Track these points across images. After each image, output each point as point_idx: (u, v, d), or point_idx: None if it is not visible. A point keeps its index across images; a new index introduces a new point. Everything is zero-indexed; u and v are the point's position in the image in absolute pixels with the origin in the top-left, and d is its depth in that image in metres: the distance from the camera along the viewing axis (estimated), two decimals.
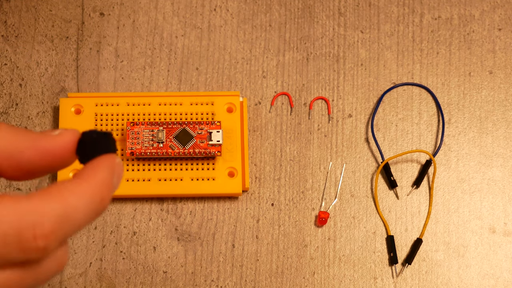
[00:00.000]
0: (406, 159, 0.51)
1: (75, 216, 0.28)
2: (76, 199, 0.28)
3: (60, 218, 0.27)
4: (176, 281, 0.48)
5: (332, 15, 0.52)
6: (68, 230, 0.28)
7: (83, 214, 0.28)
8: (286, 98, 0.51)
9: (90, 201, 0.29)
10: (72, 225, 0.28)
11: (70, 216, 0.28)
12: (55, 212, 0.27)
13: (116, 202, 0.49)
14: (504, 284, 0.49)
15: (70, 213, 0.28)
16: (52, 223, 0.27)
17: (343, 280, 0.48)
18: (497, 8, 0.53)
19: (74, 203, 0.28)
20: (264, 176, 0.49)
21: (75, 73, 0.51)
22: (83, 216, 0.28)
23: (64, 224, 0.27)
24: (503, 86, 0.52)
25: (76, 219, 0.28)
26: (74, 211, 0.28)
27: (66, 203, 0.28)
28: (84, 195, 0.28)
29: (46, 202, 0.28)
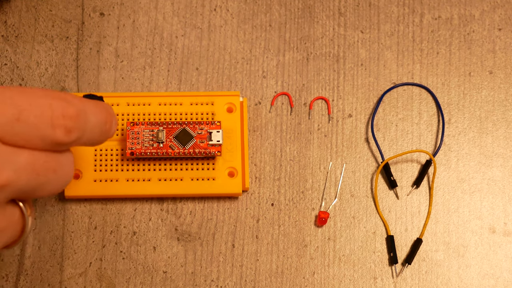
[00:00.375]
0: (406, 159, 0.51)
1: (91, 117, 0.34)
2: (93, 105, 0.35)
3: (82, 111, 0.33)
4: (176, 281, 0.48)
5: (332, 15, 0.52)
6: (84, 128, 0.34)
7: (95, 120, 0.35)
8: (286, 98, 0.51)
9: (100, 116, 0.35)
10: (87, 125, 0.34)
11: (87, 115, 0.34)
12: (78, 103, 0.34)
13: (116, 202, 0.49)
14: (504, 284, 0.49)
15: (88, 112, 0.34)
16: (77, 110, 0.33)
17: (343, 280, 0.48)
18: (497, 8, 0.53)
19: (91, 108, 0.35)
20: (264, 176, 0.49)
21: (75, 73, 0.51)
22: (95, 123, 0.35)
23: (83, 117, 0.34)
24: (503, 86, 0.52)
25: (90, 120, 0.34)
26: (90, 113, 0.34)
27: (86, 104, 0.34)
28: (97, 108, 0.35)
29: (71, 95, 0.34)
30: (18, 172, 0.31)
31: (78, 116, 0.33)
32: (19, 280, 0.47)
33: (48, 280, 0.47)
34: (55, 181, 0.34)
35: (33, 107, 0.31)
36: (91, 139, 0.35)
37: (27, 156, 0.32)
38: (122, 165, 0.47)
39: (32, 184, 0.32)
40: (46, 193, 0.34)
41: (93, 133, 0.35)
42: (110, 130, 0.37)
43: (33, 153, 0.32)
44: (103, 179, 0.47)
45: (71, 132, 0.32)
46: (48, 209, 0.48)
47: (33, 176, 0.32)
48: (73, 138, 0.33)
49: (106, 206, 0.48)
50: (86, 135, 0.34)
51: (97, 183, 0.47)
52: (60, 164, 0.34)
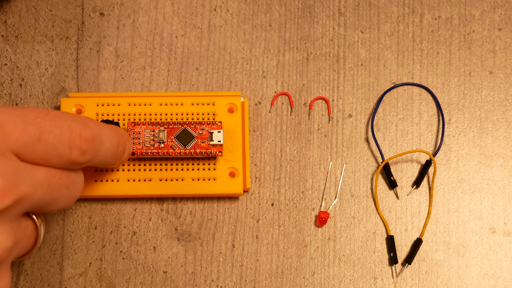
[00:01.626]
0: (406, 159, 0.51)
1: (105, 141, 0.38)
2: (108, 130, 0.38)
3: (97, 134, 0.36)
4: (176, 281, 0.48)
5: (332, 15, 0.52)
6: (98, 150, 0.37)
7: (109, 144, 0.38)
8: (286, 98, 0.51)
9: (114, 140, 0.39)
10: (101, 147, 0.37)
11: (102, 138, 0.37)
12: (95, 128, 0.37)
13: (116, 202, 0.49)
14: (504, 284, 0.49)
15: (102, 136, 0.37)
16: (93, 133, 0.36)
17: (343, 280, 0.48)
18: (497, 8, 0.53)
19: (106, 131, 0.38)
20: (264, 176, 0.49)
21: (75, 73, 0.51)
22: (108, 146, 0.38)
23: (98, 140, 0.37)
24: (503, 86, 0.52)
25: (104, 143, 0.37)
26: (105, 137, 0.38)
27: (102, 128, 0.38)
28: (112, 133, 0.39)
29: (89, 119, 0.37)
30: (35, 187, 0.34)
31: (93, 138, 0.36)
32: (19, 280, 0.47)
33: (48, 280, 0.47)
34: (67, 196, 0.37)
35: (54, 128, 0.34)
36: (103, 160, 0.39)
37: (43, 172, 0.34)
38: (123, 165, 0.47)
39: (46, 198, 0.35)
40: (58, 207, 0.37)
41: (105, 155, 0.38)
42: (123, 154, 0.41)
43: (49, 170, 0.35)
44: (104, 179, 0.47)
45: (86, 153, 0.35)
46: None
47: (48, 191, 0.35)
48: (87, 158, 0.36)
49: (106, 206, 0.48)
50: (99, 157, 0.37)
51: (98, 183, 0.47)
52: (72, 181, 0.37)
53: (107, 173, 0.47)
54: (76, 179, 0.37)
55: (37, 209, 0.36)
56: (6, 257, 0.34)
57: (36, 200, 0.34)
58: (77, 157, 0.35)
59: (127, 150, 0.42)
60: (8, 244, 0.34)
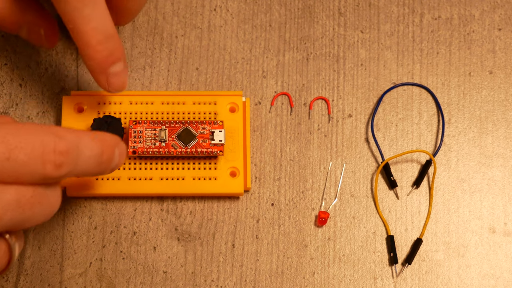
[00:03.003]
0: (406, 159, 0.51)
1: (84, 151, 0.35)
2: (88, 139, 0.35)
3: (74, 146, 0.34)
4: (176, 281, 0.48)
5: (332, 15, 0.52)
6: (76, 162, 0.34)
7: (89, 154, 0.35)
8: (286, 98, 0.51)
9: (96, 149, 0.36)
10: (79, 158, 0.34)
11: (80, 148, 0.34)
12: (71, 139, 0.34)
13: (117, 201, 0.49)
14: (504, 284, 0.49)
15: (80, 145, 0.34)
16: (68, 145, 0.33)
17: (343, 280, 0.48)
18: (497, 8, 0.53)
19: (85, 141, 0.35)
20: (264, 176, 0.49)
21: (75, 73, 0.51)
22: (88, 156, 0.35)
23: (75, 152, 0.34)
24: (503, 86, 0.52)
25: (83, 153, 0.35)
26: (84, 147, 0.35)
27: (80, 137, 0.35)
28: (92, 141, 0.36)
29: (65, 130, 0.34)
30: (4, 209, 0.32)
31: (68, 151, 0.33)
32: (19, 280, 0.47)
33: (48, 280, 0.47)
34: (41, 214, 0.35)
35: (25, 144, 0.32)
36: (87, 171, 0.36)
37: (13, 192, 0.32)
38: (124, 163, 0.47)
39: (17, 219, 0.33)
40: (32, 224, 0.35)
41: (87, 165, 0.35)
42: (110, 161, 0.38)
43: (19, 189, 0.33)
44: (105, 177, 0.47)
45: (61, 167, 0.33)
46: None
47: (19, 211, 0.33)
48: (64, 172, 0.33)
49: (106, 206, 0.48)
50: (80, 168, 0.35)
51: (99, 182, 0.47)
52: (47, 197, 0.34)
53: None
54: (51, 194, 0.35)
55: (8, 229, 0.34)
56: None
57: (5, 222, 0.33)
58: (51, 172, 0.33)
59: (118, 155, 0.38)
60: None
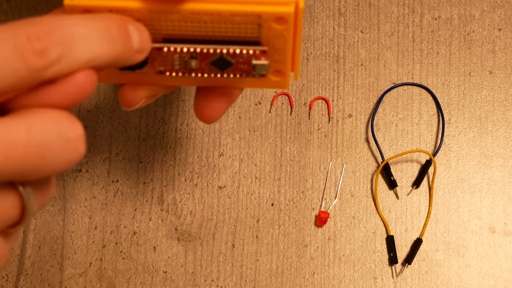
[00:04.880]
0: (406, 159, 0.51)
1: (75, 30, 0.27)
2: (76, 18, 0.28)
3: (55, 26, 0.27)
4: (176, 281, 0.48)
5: (332, 15, 0.52)
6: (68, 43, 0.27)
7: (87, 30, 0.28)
8: (286, 98, 0.51)
9: (92, 23, 0.28)
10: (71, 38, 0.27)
11: (68, 27, 0.27)
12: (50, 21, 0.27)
13: (117, 201, 0.49)
14: (504, 284, 0.49)
15: (67, 24, 0.27)
16: (46, 27, 0.27)
17: (343, 280, 0.48)
18: (497, 8, 0.53)
19: (73, 19, 0.28)
20: (264, 176, 0.49)
21: None
22: (87, 32, 0.28)
23: (59, 32, 0.27)
24: (503, 86, 0.52)
25: (77, 30, 0.28)
26: (73, 25, 0.28)
27: (63, 17, 0.28)
28: (85, 16, 0.28)
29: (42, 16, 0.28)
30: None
31: (48, 33, 0.27)
32: (19, 280, 0.47)
33: (48, 280, 0.47)
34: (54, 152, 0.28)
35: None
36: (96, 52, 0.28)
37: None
38: None
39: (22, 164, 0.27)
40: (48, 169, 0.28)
41: (92, 45, 0.28)
42: (125, 37, 0.30)
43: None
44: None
45: (46, 52, 0.26)
46: (48, 209, 0.48)
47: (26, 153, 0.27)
48: (53, 56, 0.27)
49: (106, 206, 0.49)
50: (81, 49, 0.28)
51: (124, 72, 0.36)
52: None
53: None
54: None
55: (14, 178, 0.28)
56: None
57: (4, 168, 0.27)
58: (36, 61, 0.26)
59: (135, 31, 0.30)
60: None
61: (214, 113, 0.36)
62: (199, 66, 0.34)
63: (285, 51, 0.35)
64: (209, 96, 0.37)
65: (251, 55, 0.34)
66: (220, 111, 0.37)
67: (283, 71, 0.36)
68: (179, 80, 0.36)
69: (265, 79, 0.36)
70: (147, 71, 0.34)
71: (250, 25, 0.33)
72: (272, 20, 0.33)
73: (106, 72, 0.35)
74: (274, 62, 0.35)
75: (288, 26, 0.33)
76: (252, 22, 0.33)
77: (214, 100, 0.37)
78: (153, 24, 0.32)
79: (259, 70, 0.35)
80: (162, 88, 0.36)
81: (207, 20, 0.32)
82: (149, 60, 0.33)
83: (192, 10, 0.31)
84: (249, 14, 0.32)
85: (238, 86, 0.37)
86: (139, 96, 0.35)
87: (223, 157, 0.50)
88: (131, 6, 0.31)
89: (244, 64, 0.35)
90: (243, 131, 0.50)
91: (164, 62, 0.34)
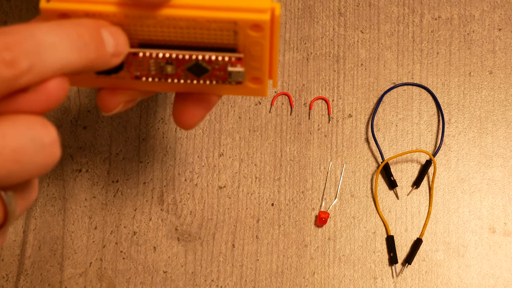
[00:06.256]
0: (406, 159, 0.51)
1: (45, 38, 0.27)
2: (46, 26, 0.28)
3: (25, 35, 0.27)
4: (176, 281, 0.48)
5: (332, 15, 0.52)
6: (39, 52, 0.27)
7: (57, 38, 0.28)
8: (286, 98, 0.51)
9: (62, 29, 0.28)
10: (41, 47, 0.27)
11: (38, 36, 0.27)
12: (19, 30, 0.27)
13: (117, 201, 0.49)
14: (504, 284, 0.49)
15: (37, 33, 0.27)
16: (16, 37, 0.27)
17: (343, 280, 0.48)
18: (497, 8, 0.53)
19: (43, 27, 0.27)
20: (264, 176, 0.49)
21: None
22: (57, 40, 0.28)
23: (29, 41, 0.27)
24: (503, 86, 0.52)
25: (47, 41, 0.27)
26: (43, 33, 0.27)
27: (32, 26, 0.27)
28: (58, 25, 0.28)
29: (12, 25, 0.27)
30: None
31: (18, 42, 0.26)
32: (19, 280, 0.47)
33: (48, 280, 0.47)
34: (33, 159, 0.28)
35: None
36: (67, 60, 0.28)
37: None
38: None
39: None
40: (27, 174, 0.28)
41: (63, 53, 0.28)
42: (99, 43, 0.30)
43: None
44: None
45: (16, 61, 0.26)
46: (48, 209, 0.48)
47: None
48: (23, 67, 0.26)
49: (106, 206, 0.49)
50: (51, 58, 0.27)
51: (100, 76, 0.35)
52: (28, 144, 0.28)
53: None
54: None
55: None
56: None
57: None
58: (6, 71, 0.26)
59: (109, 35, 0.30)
60: None
61: (192, 119, 0.37)
62: (175, 72, 0.34)
63: (262, 59, 0.35)
64: (187, 102, 0.37)
65: (227, 62, 0.33)
66: (198, 117, 0.37)
67: (260, 79, 0.36)
68: (155, 86, 0.35)
69: (243, 86, 0.36)
70: (124, 76, 0.34)
71: (226, 32, 0.32)
72: (248, 28, 0.32)
73: (82, 76, 0.34)
74: (251, 69, 0.35)
75: (264, 33, 0.33)
76: (228, 29, 0.32)
77: (192, 107, 0.37)
78: (129, 29, 0.32)
79: (235, 77, 0.35)
80: (140, 93, 0.36)
81: (183, 26, 0.32)
82: (125, 65, 0.33)
83: (168, 15, 0.31)
84: (225, 21, 0.31)
85: (216, 93, 0.37)
86: (117, 100, 0.35)
87: (223, 157, 0.50)
88: (107, 11, 0.31)
89: (220, 71, 0.34)
90: (243, 131, 0.50)
91: (140, 67, 0.34)
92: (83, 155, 0.49)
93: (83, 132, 0.50)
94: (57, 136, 0.28)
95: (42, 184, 0.48)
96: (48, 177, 0.48)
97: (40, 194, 0.48)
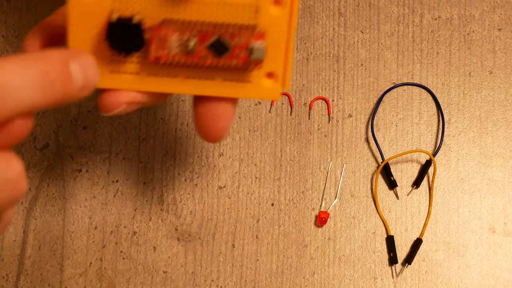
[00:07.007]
0: (406, 159, 0.51)
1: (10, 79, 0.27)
2: (11, 63, 0.27)
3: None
4: (176, 281, 0.48)
5: (332, 15, 0.52)
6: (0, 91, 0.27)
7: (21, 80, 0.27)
8: (286, 98, 0.51)
9: (30, 70, 0.28)
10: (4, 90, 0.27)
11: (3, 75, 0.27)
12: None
13: (117, 201, 0.49)
14: (504, 284, 0.49)
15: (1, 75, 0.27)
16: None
17: (343, 280, 0.48)
18: (497, 8, 0.53)
19: (8, 66, 0.27)
20: (264, 176, 0.49)
21: None
22: (20, 83, 0.27)
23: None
24: (503, 86, 0.52)
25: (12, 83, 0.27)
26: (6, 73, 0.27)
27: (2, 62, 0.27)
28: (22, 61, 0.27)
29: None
30: None
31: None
32: (19, 280, 0.47)
33: (48, 280, 0.47)
34: None
35: None
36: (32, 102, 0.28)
37: None
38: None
39: None
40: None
41: (27, 95, 0.28)
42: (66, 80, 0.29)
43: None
44: (122, 70, 0.36)
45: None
46: (48, 209, 0.48)
47: None
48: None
49: (106, 206, 0.49)
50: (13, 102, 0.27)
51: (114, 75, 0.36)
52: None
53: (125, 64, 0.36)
54: None
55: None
56: None
57: None
58: None
59: (78, 70, 0.30)
60: None
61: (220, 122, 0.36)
62: (196, 49, 0.34)
63: (279, 46, 0.35)
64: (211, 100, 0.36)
65: (249, 37, 0.34)
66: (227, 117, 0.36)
67: (275, 74, 0.36)
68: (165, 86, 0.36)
69: (257, 85, 0.36)
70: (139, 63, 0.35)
71: (248, 9, 0.33)
72: (270, 2, 0.34)
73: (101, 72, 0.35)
74: (267, 61, 0.36)
75: (284, 11, 0.34)
76: (250, 5, 0.33)
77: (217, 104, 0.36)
78: (153, 7, 0.33)
79: (257, 53, 0.35)
80: (144, 96, 0.36)
81: (206, 2, 0.33)
82: (146, 44, 0.33)
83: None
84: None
85: (228, 94, 0.36)
86: (119, 101, 0.35)
87: (223, 157, 0.50)
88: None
89: (241, 49, 0.34)
90: (243, 131, 0.50)
91: (162, 44, 0.34)
92: (83, 155, 0.49)
93: (83, 132, 0.50)
94: (23, 169, 0.28)
95: (42, 184, 0.48)
96: (48, 177, 0.48)
97: (40, 194, 0.48)
